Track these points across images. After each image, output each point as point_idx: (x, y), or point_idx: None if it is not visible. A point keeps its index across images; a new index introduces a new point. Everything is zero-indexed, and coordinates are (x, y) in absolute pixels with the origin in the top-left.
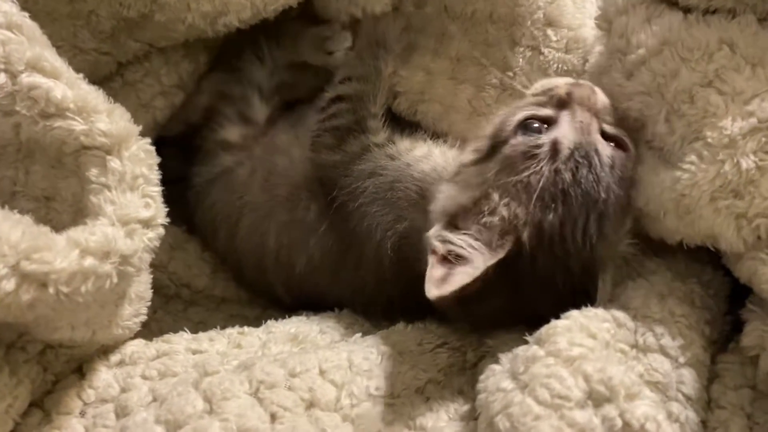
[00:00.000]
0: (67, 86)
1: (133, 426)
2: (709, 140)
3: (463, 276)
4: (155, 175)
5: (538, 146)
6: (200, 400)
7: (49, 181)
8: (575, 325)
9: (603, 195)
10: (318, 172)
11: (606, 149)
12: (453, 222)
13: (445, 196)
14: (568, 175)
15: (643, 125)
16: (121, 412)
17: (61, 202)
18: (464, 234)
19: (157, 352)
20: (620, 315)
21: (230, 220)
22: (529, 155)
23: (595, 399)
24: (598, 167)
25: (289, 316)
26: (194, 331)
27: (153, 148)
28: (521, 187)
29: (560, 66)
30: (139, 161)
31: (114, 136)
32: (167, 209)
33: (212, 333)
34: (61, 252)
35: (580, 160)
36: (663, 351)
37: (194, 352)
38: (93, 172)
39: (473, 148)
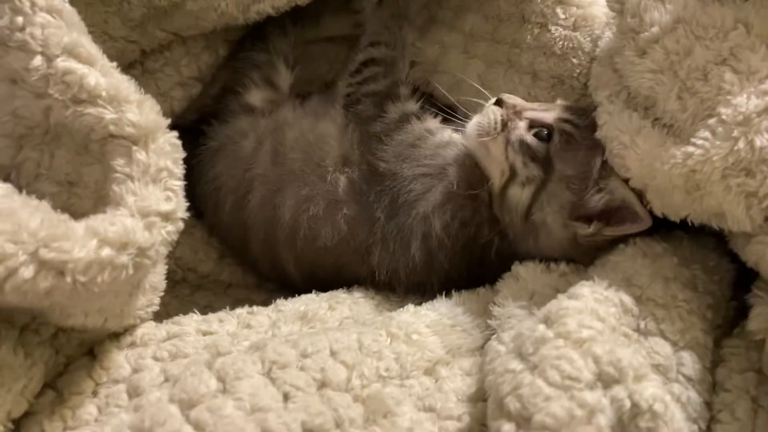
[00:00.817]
0: (100, 74)
1: (147, 405)
2: (723, 117)
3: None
4: (179, 169)
5: (561, 134)
6: (213, 379)
7: (73, 167)
8: (585, 308)
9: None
10: (360, 141)
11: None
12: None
13: (554, 214)
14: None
15: (654, 103)
16: (134, 392)
17: (83, 188)
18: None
19: (167, 333)
20: (627, 300)
21: (238, 192)
22: (568, 142)
23: (605, 380)
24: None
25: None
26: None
27: (179, 142)
28: (585, 157)
29: (566, 44)
30: (165, 154)
31: (142, 128)
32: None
33: (221, 314)
34: (79, 241)
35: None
36: (663, 335)
37: (204, 333)
38: (118, 162)
39: (519, 183)
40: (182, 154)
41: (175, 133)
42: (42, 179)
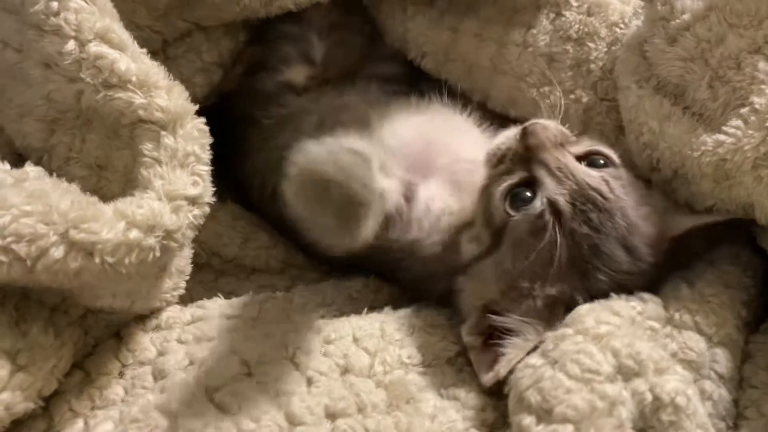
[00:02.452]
0: (131, 59)
1: (173, 386)
2: (757, 106)
3: (517, 352)
4: (206, 155)
5: (539, 216)
6: (238, 363)
7: (103, 151)
8: (599, 306)
9: (623, 222)
10: None
11: (593, 176)
12: (487, 311)
13: (469, 294)
14: (584, 229)
15: (684, 91)
16: (159, 375)
17: (112, 171)
18: (507, 316)
19: (192, 317)
20: (645, 294)
21: None
22: (536, 229)
23: (625, 373)
24: (602, 201)
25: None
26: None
27: (206, 128)
28: (546, 264)
29: (581, 28)
30: (192, 139)
31: (171, 113)
32: None
33: (245, 298)
34: (107, 223)
35: (584, 206)
36: (697, 328)
37: (228, 318)
38: (147, 146)
39: (470, 236)
40: (209, 140)
41: (203, 119)
42: (72, 163)
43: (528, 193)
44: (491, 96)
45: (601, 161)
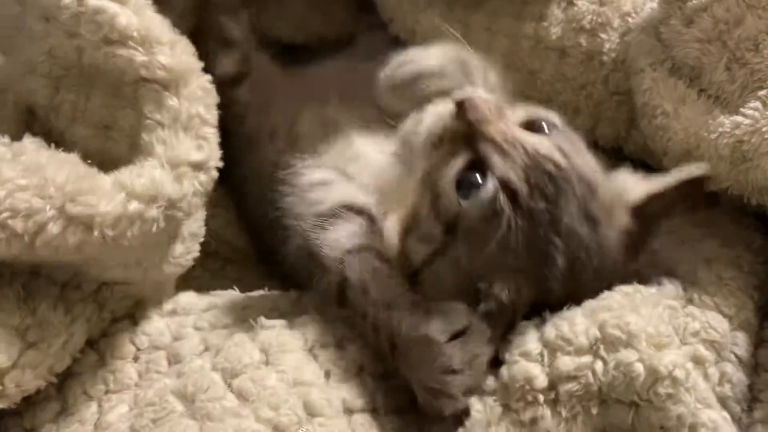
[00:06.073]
0: (133, 13)
1: (190, 372)
2: None
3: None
4: (212, 116)
5: (492, 200)
6: (257, 351)
7: (107, 110)
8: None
9: (581, 189)
10: None
11: (544, 144)
12: None
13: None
14: (541, 204)
15: (700, 73)
16: (173, 360)
17: (118, 131)
18: None
19: (208, 304)
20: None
21: None
22: (491, 215)
23: (609, 343)
24: (557, 170)
25: None
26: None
27: (212, 87)
28: (501, 254)
29: (594, 18)
30: (196, 99)
31: (174, 72)
32: None
33: (260, 292)
34: (106, 195)
35: (539, 179)
36: (718, 309)
37: (244, 308)
38: (149, 108)
39: (418, 236)
40: (215, 100)
41: (209, 77)
42: (79, 122)
43: (477, 175)
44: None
45: (545, 126)
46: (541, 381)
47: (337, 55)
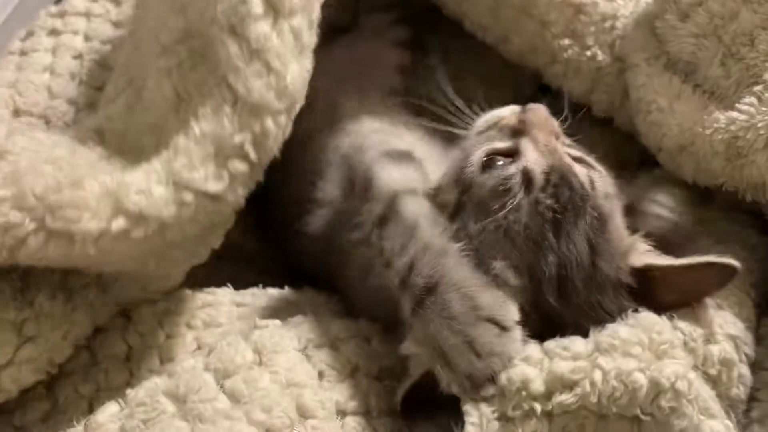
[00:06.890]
0: None
1: (182, 372)
2: None
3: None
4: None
5: (508, 177)
6: (250, 351)
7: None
8: None
9: (594, 215)
10: None
11: (581, 170)
12: None
13: None
14: (550, 201)
15: (695, 68)
16: (166, 358)
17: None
18: None
19: (201, 302)
20: None
21: None
22: (501, 191)
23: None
24: (579, 186)
25: None
26: (224, 285)
27: None
28: (501, 233)
29: None
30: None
31: None
32: None
33: (254, 290)
34: (90, 208)
35: (558, 182)
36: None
37: (238, 305)
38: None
39: (438, 203)
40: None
41: None
42: None
43: (501, 161)
44: (511, 40)
45: (590, 163)
46: (538, 385)
47: (343, 38)
